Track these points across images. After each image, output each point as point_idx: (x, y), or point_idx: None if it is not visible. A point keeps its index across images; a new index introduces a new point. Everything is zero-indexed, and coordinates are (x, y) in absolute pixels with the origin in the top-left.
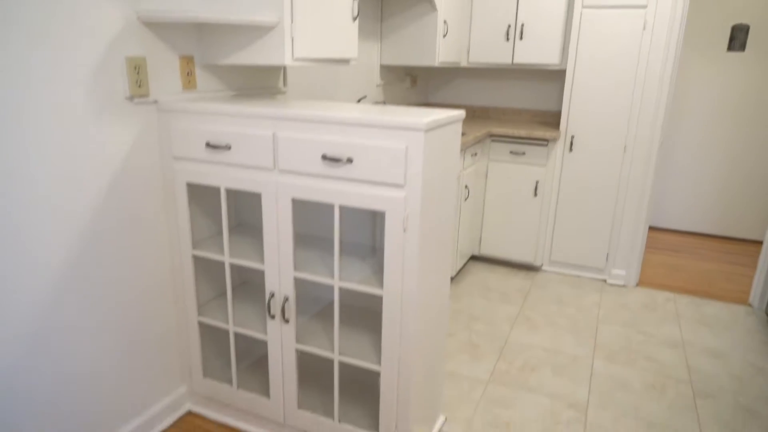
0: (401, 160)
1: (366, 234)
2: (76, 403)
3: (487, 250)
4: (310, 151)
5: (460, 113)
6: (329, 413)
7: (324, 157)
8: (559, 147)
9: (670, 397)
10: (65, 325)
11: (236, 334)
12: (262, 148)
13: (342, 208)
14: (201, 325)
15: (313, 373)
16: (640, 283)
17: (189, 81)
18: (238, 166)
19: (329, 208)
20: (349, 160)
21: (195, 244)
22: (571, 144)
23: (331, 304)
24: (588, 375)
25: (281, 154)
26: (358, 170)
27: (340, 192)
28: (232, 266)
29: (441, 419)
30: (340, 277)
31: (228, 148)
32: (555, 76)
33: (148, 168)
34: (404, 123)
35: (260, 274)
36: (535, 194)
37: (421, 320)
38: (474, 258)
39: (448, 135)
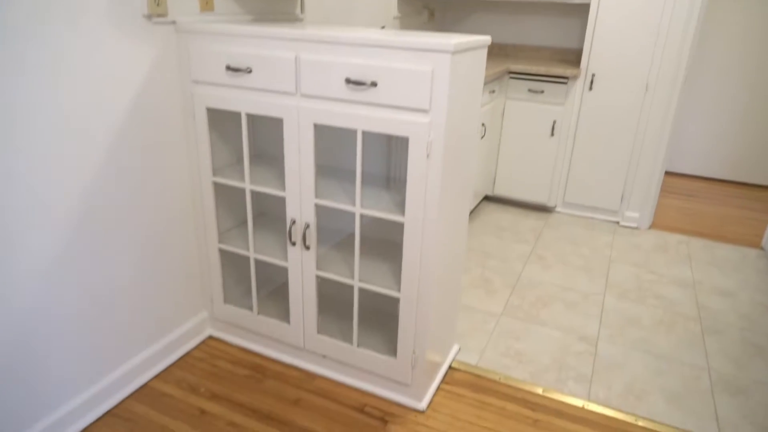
0: (427, 84)
1: (381, 165)
2: (101, 325)
3: (500, 191)
4: (334, 74)
5: (486, 38)
6: (348, 339)
7: (347, 81)
8: (579, 85)
9: (679, 333)
10: (89, 249)
11: (256, 264)
12: (285, 71)
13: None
14: (222, 252)
15: (331, 303)
16: (653, 225)
17: (206, 2)
18: (260, 91)
19: (348, 138)
20: (374, 84)
21: (215, 172)
22: (592, 82)
23: (351, 236)
24: (599, 311)
25: (304, 78)
26: (382, 94)
27: (363, 117)
28: (251, 196)
29: (455, 348)
30: (361, 205)
31: (249, 71)
32: (577, 11)
33: (166, 92)
34: (431, 45)
35: (278, 205)
36: (552, 134)
37: (441, 248)
38: (487, 198)
39: (473, 61)
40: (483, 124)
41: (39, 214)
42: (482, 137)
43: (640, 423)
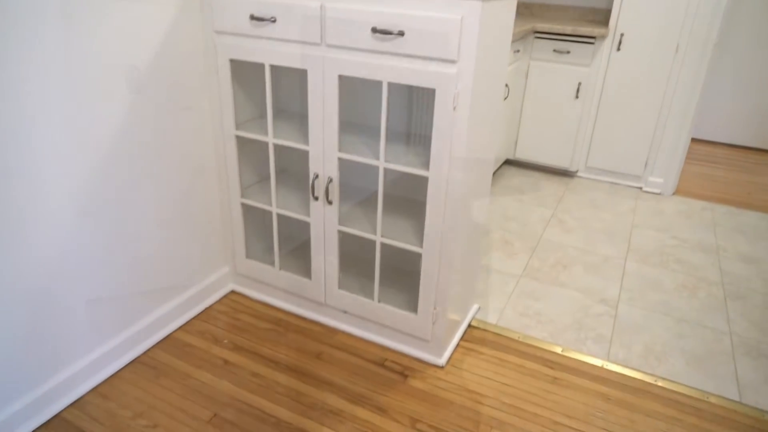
0: (455, 33)
1: (402, 123)
2: (125, 276)
3: (522, 155)
4: (360, 23)
5: None
6: (369, 295)
7: (374, 30)
8: (607, 46)
9: (701, 297)
10: (112, 201)
11: (278, 220)
12: (309, 20)
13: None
14: (244, 206)
15: (352, 260)
16: (678, 192)
17: None
18: (284, 41)
19: (369, 94)
20: (401, 33)
21: (237, 126)
22: (620, 43)
23: (373, 194)
24: (620, 274)
25: (329, 28)
26: (409, 44)
27: (389, 68)
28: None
29: (475, 307)
30: (385, 159)
31: (273, 20)
32: None
33: (189, 43)
34: None
35: (300, 162)
36: (577, 96)
37: (464, 204)
38: (508, 162)
39: (502, 11)
40: (506, 85)
41: (63, 166)
42: (505, 98)
43: (660, 383)
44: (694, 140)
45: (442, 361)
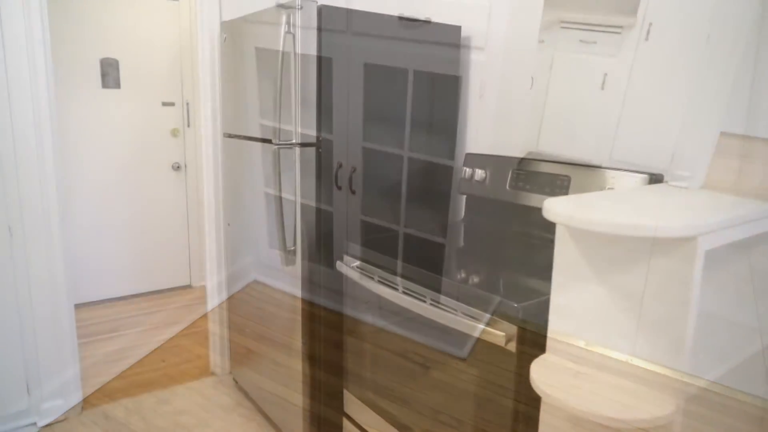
0: (483, 20)
1: (425, 113)
2: (146, 261)
3: (544, 147)
4: (387, 9)
5: None
6: (391, 286)
7: (401, 18)
8: (634, 35)
9: (730, 293)
10: (133, 183)
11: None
12: (336, 8)
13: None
14: (267, 195)
15: (375, 251)
16: (706, 186)
17: None
18: (309, 29)
19: (393, 82)
20: (427, 21)
21: (261, 114)
22: (648, 32)
23: (396, 184)
24: (644, 269)
25: (355, 15)
26: (436, 31)
27: (415, 55)
28: None
29: (497, 299)
30: (409, 149)
31: (300, 8)
32: None
33: (213, 30)
34: None
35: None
36: (602, 88)
37: (489, 194)
38: (530, 154)
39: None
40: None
41: (97, 144)
42: (529, 89)
43: (686, 379)
44: (726, 134)
45: (463, 353)
